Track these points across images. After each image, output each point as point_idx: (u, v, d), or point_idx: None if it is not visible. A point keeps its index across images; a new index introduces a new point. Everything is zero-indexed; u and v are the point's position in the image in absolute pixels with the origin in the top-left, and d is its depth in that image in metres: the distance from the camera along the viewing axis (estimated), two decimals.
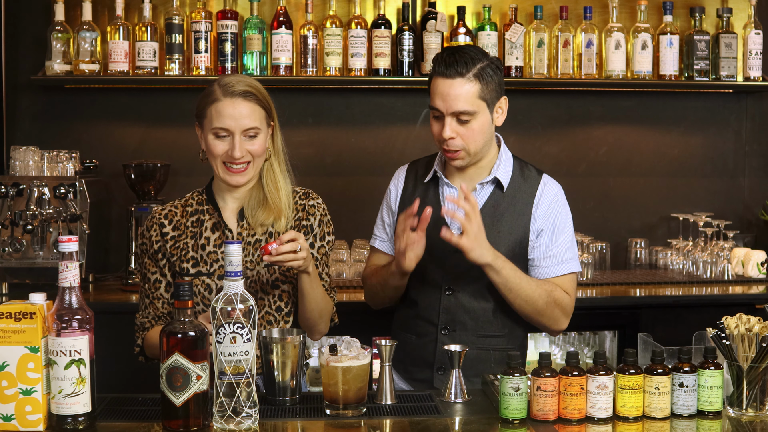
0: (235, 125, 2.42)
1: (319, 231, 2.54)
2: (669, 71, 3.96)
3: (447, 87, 2.49)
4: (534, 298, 2.53)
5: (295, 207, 2.54)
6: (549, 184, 2.65)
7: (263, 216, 2.49)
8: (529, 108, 4.12)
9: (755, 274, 3.83)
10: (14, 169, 3.69)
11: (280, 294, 2.49)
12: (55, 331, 1.97)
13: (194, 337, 1.98)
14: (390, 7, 3.98)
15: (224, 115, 2.42)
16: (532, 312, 2.56)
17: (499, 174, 2.61)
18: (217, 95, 2.43)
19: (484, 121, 2.53)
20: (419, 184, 2.69)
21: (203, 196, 2.56)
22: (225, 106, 2.42)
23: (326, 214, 2.57)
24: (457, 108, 2.49)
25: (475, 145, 2.53)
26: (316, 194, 2.59)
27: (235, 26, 3.83)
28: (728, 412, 2.16)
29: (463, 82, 2.49)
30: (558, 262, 2.60)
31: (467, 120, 2.50)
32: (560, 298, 2.58)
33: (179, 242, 2.51)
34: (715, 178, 4.26)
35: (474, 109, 2.49)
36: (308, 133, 4.08)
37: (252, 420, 2.01)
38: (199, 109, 2.49)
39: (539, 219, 2.61)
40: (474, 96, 2.49)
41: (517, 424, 2.09)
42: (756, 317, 2.19)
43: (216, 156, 2.44)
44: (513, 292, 2.52)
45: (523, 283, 2.52)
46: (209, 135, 2.44)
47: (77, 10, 3.85)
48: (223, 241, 2.49)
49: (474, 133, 2.52)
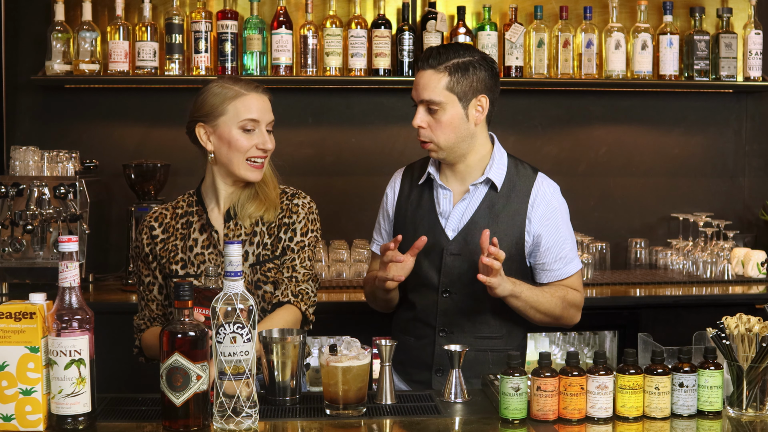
0: (264, 117, 2.47)
1: (300, 226, 2.54)
2: (669, 71, 3.96)
3: (419, 77, 2.57)
4: (551, 309, 2.58)
5: (281, 206, 2.55)
6: (544, 183, 2.65)
7: (252, 208, 2.50)
8: (529, 108, 4.12)
9: (755, 274, 3.83)
10: (14, 169, 3.69)
11: (262, 294, 2.49)
12: (55, 331, 1.97)
13: (194, 337, 1.98)
14: (390, 7, 3.98)
15: (254, 108, 2.45)
16: (550, 321, 2.61)
17: (491, 174, 2.60)
18: (240, 90, 2.46)
19: (453, 115, 2.54)
20: (414, 187, 2.69)
21: (194, 197, 2.57)
22: (253, 100, 2.46)
23: (312, 212, 2.57)
24: (423, 96, 2.54)
25: (445, 138, 2.55)
26: (305, 194, 2.60)
27: (235, 26, 3.83)
28: (728, 412, 2.16)
29: (433, 73, 2.53)
30: (567, 262, 2.63)
31: (435, 110, 2.53)
32: (573, 298, 2.63)
33: (168, 244, 2.52)
34: (715, 178, 4.26)
35: (441, 100, 2.52)
36: (308, 133, 4.08)
37: (252, 420, 2.01)
38: (210, 107, 2.47)
39: (535, 222, 2.60)
40: (442, 87, 2.52)
41: (517, 424, 2.09)
42: (756, 317, 2.19)
43: (243, 151, 2.45)
44: (533, 310, 2.55)
45: (541, 299, 2.55)
46: (234, 130, 2.45)
47: (77, 10, 3.85)
48: (212, 242, 2.50)
49: (442, 126, 2.54)
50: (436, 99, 2.52)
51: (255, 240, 2.50)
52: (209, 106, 2.47)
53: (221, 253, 2.49)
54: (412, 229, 2.63)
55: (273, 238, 2.52)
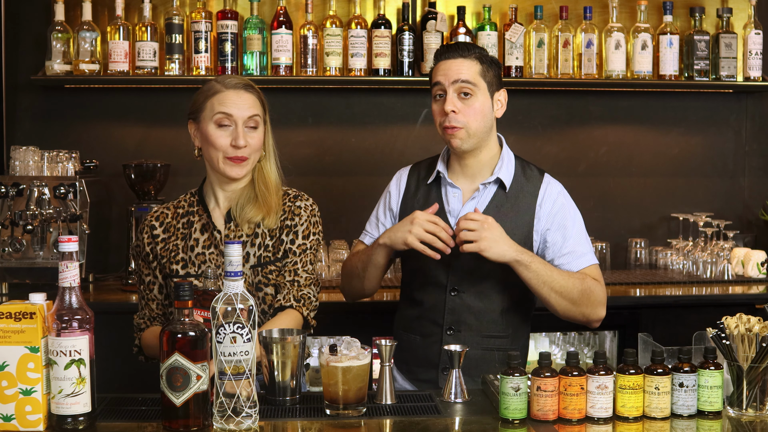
0: (239, 113, 2.45)
1: (302, 229, 2.53)
2: (669, 71, 3.96)
3: (449, 64, 2.56)
4: (569, 288, 2.51)
5: (283, 208, 2.54)
6: (551, 183, 2.66)
7: (251, 213, 2.49)
8: (529, 108, 4.12)
9: (755, 274, 3.83)
10: (14, 169, 3.69)
11: (263, 296, 2.49)
12: (55, 331, 1.97)
13: (194, 337, 1.98)
14: (390, 7, 3.98)
15: (228, 103, 2.45)
16: (568, 304, 2.53)
17: (501, 174, 2.61)
18: (218, 88, 2.47)
19: (484, 103, 2.55)
20: (422, 185, 2.69)
21: (195, 197, 2.57)
22: (228, 96, 2.46)
23: (314, 215, 2.56)
24: (459, 76, 2.53)
25: (476, 124, 2.54)
26: (307, 196, 2.59)
27: (235, 26, 3.83)
28: (728, 412, 2.16)
29: (464, 60, 2.56)
30: (576, 257, 2.60)
31: (468, 95, 2.53)
32: (592, 285, 2.56)
33: (169, 244, 2.52)
34: (715, 178, 4.26)
35: (475, 82, 2.54)
36: (308, 133, 4.08)
37: (252, 420, 2.01)
38: (195, 105, 2.50)
39: (543, 219, 2.61)
40: (476, 72, 2.54)
41: (517, 424, 2.09)
42: (756, 317, 2.19)
43: (218, 147, 2.45)
44: (546, 285, 2.49)
45: (555, 275, 2.50)
46: (210, 125, 2.45)
47: (77, 10, 3.85)
48: (213, 242, 2.50)
49: (475, 112, 2.54)
50: (472, 80, 2.53)
51: (256, 242, 2.50)
52: (195, 103, 2.51)
53: (222, 253, 2.49)
54: None
55: (274, 240, 2.51)
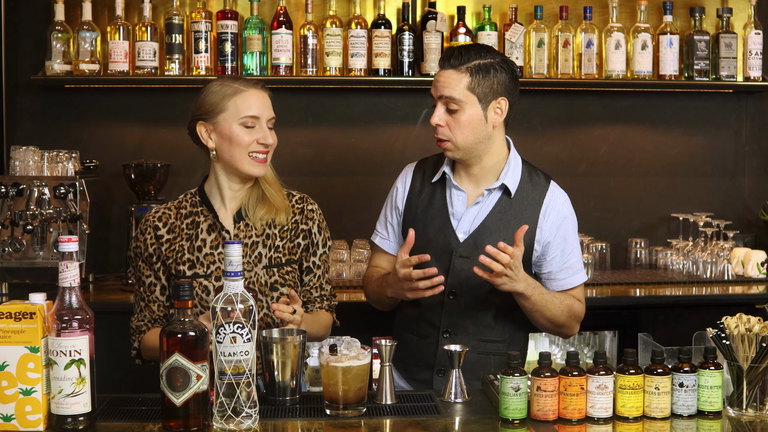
0: (264, 113, 2.49)
1: (320, 238, 2.59)
2: (669, 71, 3.96)
3: (439, 75, 2.57)
4: (557, 315, 2.58)
5: (293, 209, 2.56)
6: (557, 193, 2.65)
7: (263, 211, 2.51)
8: (529, 108, 4.12)
9: (755, 274, 3.83)
10: (14, 169, 3.69)
11: (278, 297, 2.49)
12: (55, 331, 1.97)
13: (194, 337, 1.98)
14: (390, 7, 3.98)
15: (253, 105, 2.47)
16: (552, 327, 2.62)
17: (507, 180, 2.60)
18: (240, 87, 2.48)
19: (472, 115, 2.54)
20: (426, 184, 2.69)
21: (197, 197, 2.56)
22: (252, 96, 2.48)
23: (323, 220, 2.62)
24: (443, 93, 2.54)
25: (462, 138, 2.54)
26: (312, 200, 2.62)
27: (235, 26, 3.83)
28: (728, 412, 2.16)
29: (454, 72, 2.54)
30: (573, 273, 2.64)
31: (455, 110, 2.53)
32: (577, 309, 2.64)
33: (174, 245, 2.51)
34: (715, 178, 4.26)
35: (461, 98, 2.52)
36: (308, 133, 4.08)
37: (252, 420, 2.01)
38: (210, 105, 2.48)
39: (546, 230, 2.61)
40: (463, 87, 2.53)
41: (517, 424, 2.09)
42: (756, 317, 2.19)
43: (244, 146, 2.46)
44: (539, 313, 2.56)
45: (549, 305, 2.55)
46: (235, 126, 2.46)
47: (77, 10, 3.85)
48: (221, 242, 2.49)
49: (460, 125, 2.54)
50: (456, 96, 2.52)
51: (268, 243, 2.51)
52: (209, 104, 2.48)
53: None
54: (421, 226, 2.62)
55: (284, 241, 2.53)
